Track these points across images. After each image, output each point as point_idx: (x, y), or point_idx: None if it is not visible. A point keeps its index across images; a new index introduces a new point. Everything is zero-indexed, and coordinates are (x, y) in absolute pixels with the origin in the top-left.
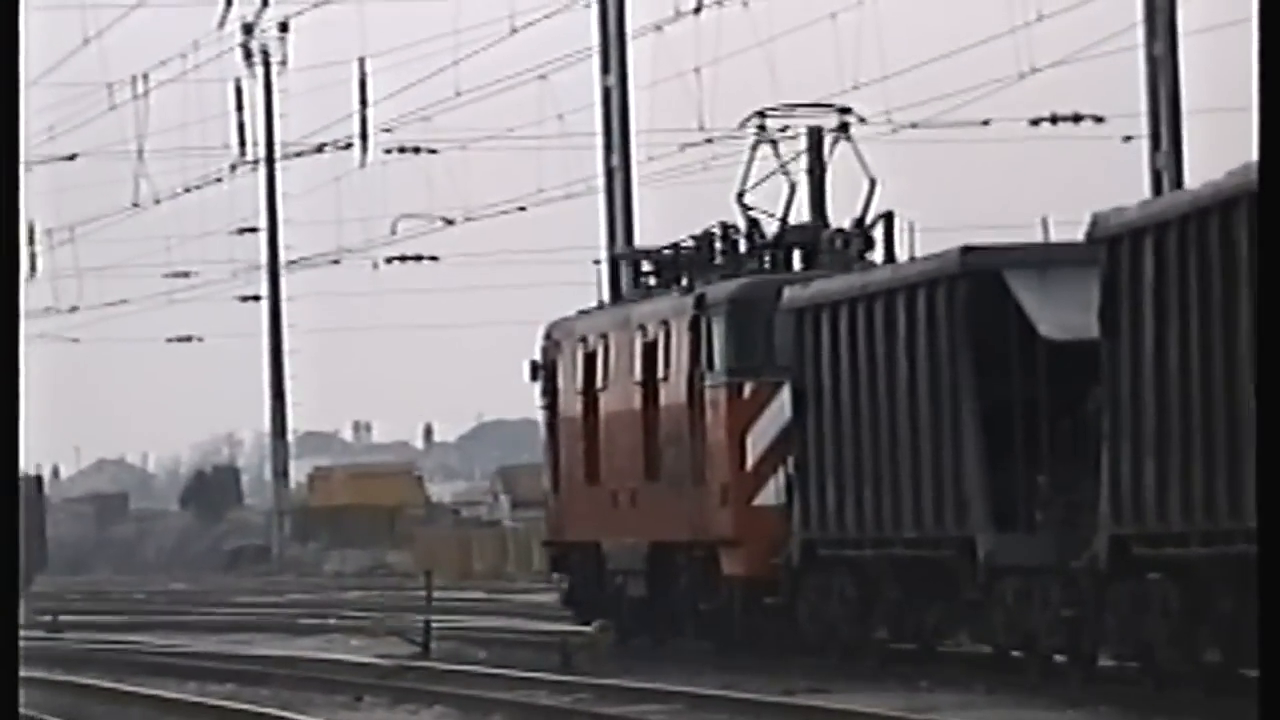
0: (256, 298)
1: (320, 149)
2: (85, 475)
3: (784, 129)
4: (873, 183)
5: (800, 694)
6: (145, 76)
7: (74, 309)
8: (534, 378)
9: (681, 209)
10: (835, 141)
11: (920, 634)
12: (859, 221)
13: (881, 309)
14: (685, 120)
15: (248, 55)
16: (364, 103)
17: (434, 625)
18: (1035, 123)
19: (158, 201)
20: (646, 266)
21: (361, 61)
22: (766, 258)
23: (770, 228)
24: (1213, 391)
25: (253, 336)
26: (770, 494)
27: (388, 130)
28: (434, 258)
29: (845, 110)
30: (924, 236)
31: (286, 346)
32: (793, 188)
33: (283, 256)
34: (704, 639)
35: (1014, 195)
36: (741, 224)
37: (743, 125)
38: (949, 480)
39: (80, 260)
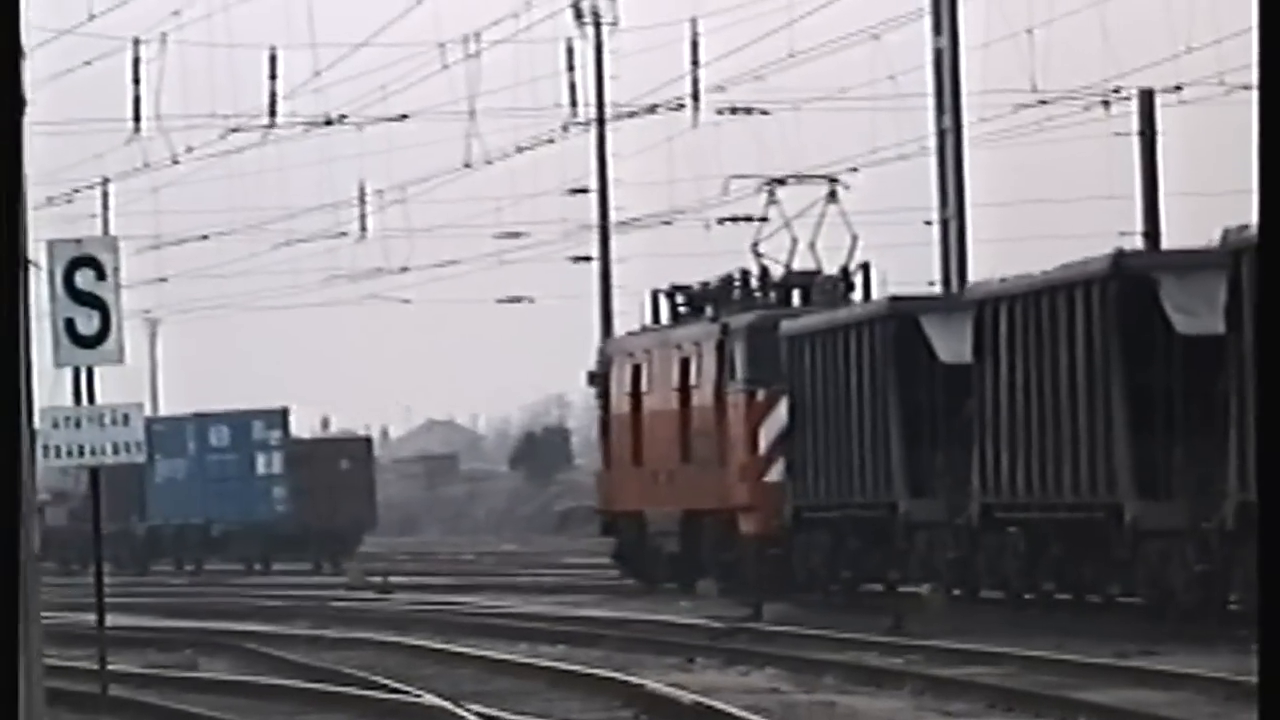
0: (587, 258)
1: (652, 109)
2: (415, 436)
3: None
4: (854, 238)
5: (1133, 656)
6: (477, 36)
7: (404, 269)
8: (591, 383)
9: (1013, 170)
10: (825, 206)
11: (872, 574)
12: (844, 269)
13: (841, 339)
14: (1017, 81)
15: (579, 15)
16: (696, 63)
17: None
18: None
19: (489, 162)
20: (681, 299)
21: (694, 22)
22: (774, 295)
23: (777, 271)
24: (1045, 404)
25: (583, 297)
26: (776, 473)
27: (720, 90)
28: (764, 219)
29: (834, 180)
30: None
31: (617, 307)
32: (794, 240)
33: (613, 217)
34: (722, 582)
35: None
36: (755, 269)
37: (758, 190)
38: (880, 462)
39: (411, 220)
